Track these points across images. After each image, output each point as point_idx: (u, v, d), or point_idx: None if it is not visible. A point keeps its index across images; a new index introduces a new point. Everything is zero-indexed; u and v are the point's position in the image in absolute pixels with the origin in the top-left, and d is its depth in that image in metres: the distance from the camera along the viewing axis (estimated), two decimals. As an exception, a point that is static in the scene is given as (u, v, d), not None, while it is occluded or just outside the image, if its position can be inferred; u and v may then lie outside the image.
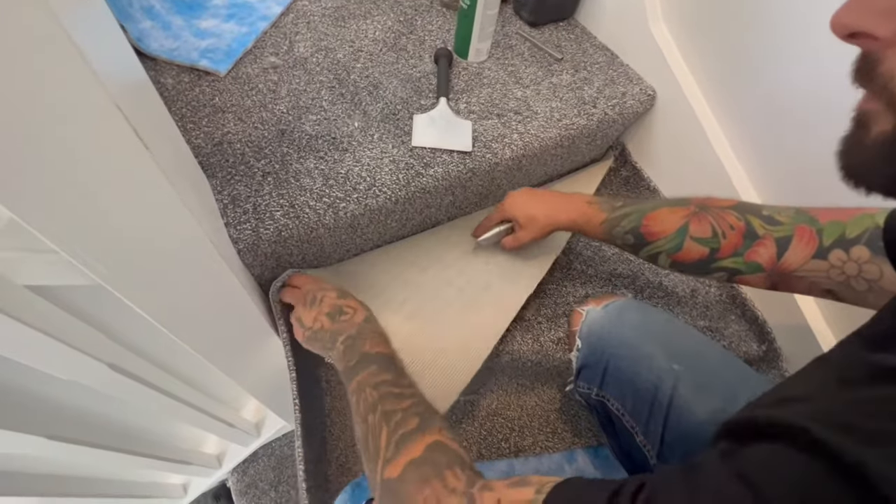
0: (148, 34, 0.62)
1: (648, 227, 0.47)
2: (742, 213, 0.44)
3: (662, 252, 0.47)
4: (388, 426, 0.36)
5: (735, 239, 0.44)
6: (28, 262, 0.32)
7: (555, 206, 0.53)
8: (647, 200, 0.50)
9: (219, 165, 0.53)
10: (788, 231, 0.42)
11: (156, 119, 0.42)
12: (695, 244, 0.45)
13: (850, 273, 0.38)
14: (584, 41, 0.79)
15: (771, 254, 0.42)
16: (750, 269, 0.44)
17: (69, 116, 0.23)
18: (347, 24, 0.73)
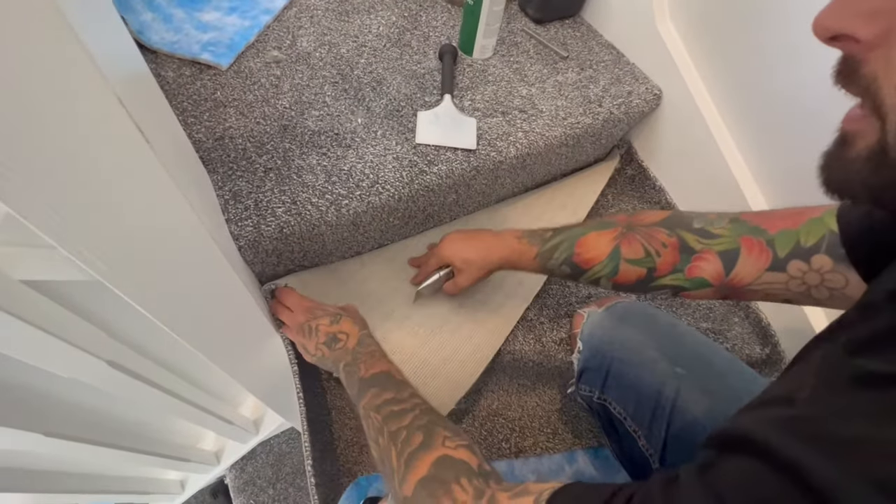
0: (149, 26, 0.62)
1: (581, 255, 0.46)
2: (672, 228, 0.43)
3: (601, 277, 0.46)
4: (395, 447, 0.36)
5: (670, 256, 0.42)
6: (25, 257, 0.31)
7: (488, 247, 0.52)
8: (573, 226, 0.48)
9: (220, 161, 0.53)
10: (732, 244, 0.40)
11: (157, 112, 0.41)
12: (630, 266, 0.44)
13: (812, 283, 0.37)
14: (590, 39, 0.78)
15: (716, 268, 0.40)
16: (694, 284, 0.42)
17: (68, 108, 0.22)
18: (351, 18, 0.72)
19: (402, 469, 0.35)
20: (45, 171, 0.23)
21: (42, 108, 0.21)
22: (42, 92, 0.21)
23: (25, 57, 0.19)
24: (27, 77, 0.20)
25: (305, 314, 0.51)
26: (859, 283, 0.34)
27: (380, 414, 0.40)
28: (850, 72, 0.19)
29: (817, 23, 0.19)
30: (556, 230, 0.49)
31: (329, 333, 0.50)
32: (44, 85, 0.21)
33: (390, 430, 0.38)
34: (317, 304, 0.52)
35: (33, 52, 0.20)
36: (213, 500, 0.95)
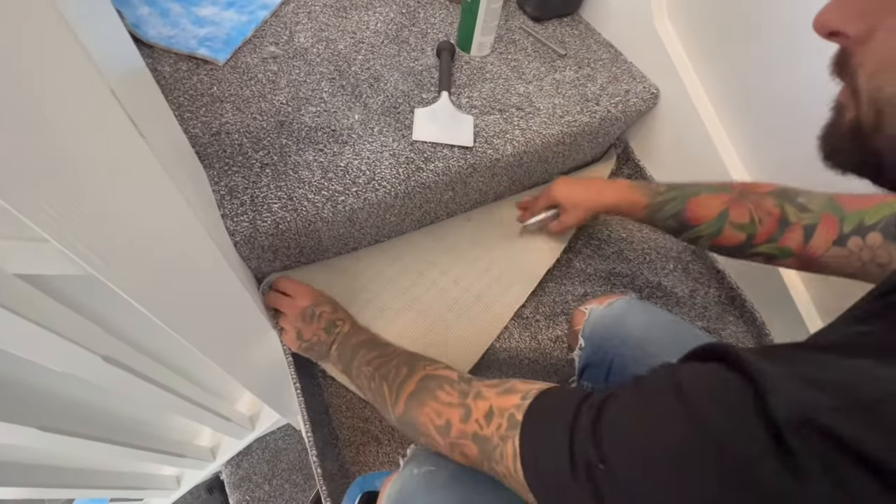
0: (145, 21, 0.61)
1: (691, 211, 0.50)
2: (780, 199, 0.47)
3: (703, 236, 0.50)
4: (386, 382, 0.42)
5: (770, 226, 0.46)
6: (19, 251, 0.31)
7: (599, 191, 0.57)
8: (687, 185, 0.52)
9: (216, 156, 0.53)
10: (815, 219, 0.44)
11: (152, 107, 0.41)
12: (733, 230, 0.48)
13: (865, 258, 0.41)
14: (588, 37, 0.78)
15: (799, 239, 0.45)
16: (783, 253, 0.46)
17: (62, 102, 0.22)
18: (349, 14, 0.72)
19: (394, 395, 0.40)
20: (37, 165, 0.23)
21: (35, 102, 0.21)
22: (35, 85, 0.21)
23: (19, 50, 0.19)
24: (20, 70, 0.20)
25: (309, 299, 0.54)
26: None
27: (370, 365, 0.45)
28: (843, 63, 0.22)
29: (817, 20, 0.22)
30: (669, 185, 0.52)
31: (330, 319, 0.54)
32: (37, 78, 0.21)
33: (381, 373, 0.43)
34: (319, 291, 0.56)
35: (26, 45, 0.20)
36: (208, 495, 0.95)
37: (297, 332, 0.54)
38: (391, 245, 0.67)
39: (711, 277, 0.77)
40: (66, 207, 0.25)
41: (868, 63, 0.20)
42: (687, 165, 0.74)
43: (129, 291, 0.32)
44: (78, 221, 0.26)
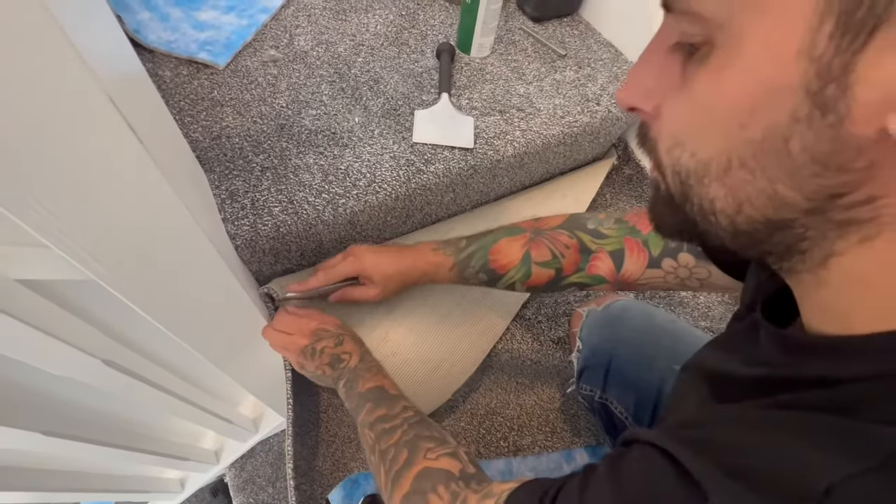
0: (146, 25, 0.62)
1: (496, 261, 0.48)
2: (571, 230, 0.47)
3: (515, 281, 0.49)
4: (384, 465, 0.39)
5: (573, 257, 0.46)
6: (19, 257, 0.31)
7: (407, 261, 0.51)
8: (483, 235, 0.50)
9: (217, 160, 0.53)
10: (618, 244, 0.45)
11: (152, 112, 0.41)
12: (540, 269, 0.47)
13: (683, 276, 0.42)
14: (589, 37, 0.78)
15: (609, 266, 0.45)
16: (594, 281, 0.47)
17: (58, 108, 0.22)
18: (348, 17, 0.72)
19: (390, 487, 0.37)
20: (35, 171, 0.23)
21: (31, 108, 0.21)
22: (31, 91, 0.21)
23: (13, 56, 0.19)
24: (15, 76, 0.20)
25: (308, 337, 0.50)
26: (720, 273, 0.39)
27: (373, 431, 0.42)
28: (643, 136, 0.23)
29: (617, 96, 0.22)
30: (468, 238, 0.50)
31: (333, 354, 0.50)
32: (31, 84, 0.21)
33: (380, 449, 0.40)
34: (317, 323, 0.50)
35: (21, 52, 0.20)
36: (212, 498, 0.95)
37: (300, 367, 0.51)
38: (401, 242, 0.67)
39: (715, 277, 0.76)
40: (64, 213, 0.25)
41: (663, 138, 0.21)
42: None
43: (130, 296, 0.32)
44: (77, 227, 0.26)
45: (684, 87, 0.19)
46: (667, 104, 0.20)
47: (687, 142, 0.20)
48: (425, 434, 0.39)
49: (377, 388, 0.46)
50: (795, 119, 0.16)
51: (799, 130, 0.16)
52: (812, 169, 0.17)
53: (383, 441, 0.41)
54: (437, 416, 0.67)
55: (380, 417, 0.43)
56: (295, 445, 0.53)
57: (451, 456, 0.37)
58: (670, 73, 0.20)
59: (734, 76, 0.17)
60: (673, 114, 0.20)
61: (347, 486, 0.66)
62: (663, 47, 0.20)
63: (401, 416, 0.42)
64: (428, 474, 0.36)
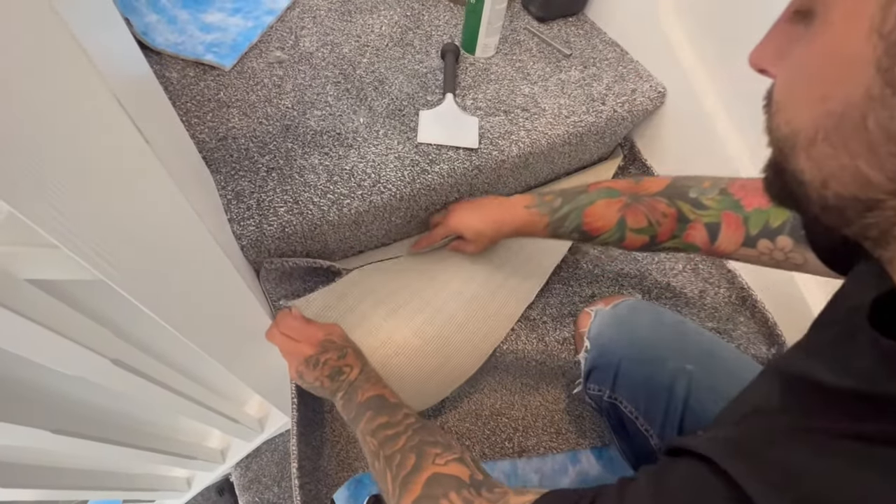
0: (153, 28, 0.62)
1: (589, 224, 0.50)
2: (671, 199, 0.47)
3: (610, 243, 0.51)
4: (391, 471, 0.39)
5: (669, 225, 0.47)
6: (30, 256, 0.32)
7: (498, 218, 0.54)
8: (579, 193, 0.51)
9: (223, 161, 0.53)
10: (716, 217, 0.44)
11: (159, 113, 0.42)
12: (635, 234, 0.48)
13: (778, 259, 0.42)
14: (594, 37, 0.77)
15: (704, 237, 0.46)
16: (689, 248, 0.47)
17: (66, 109, 0.22)
18: (353, 18, 0.72)
19: (398, 492, 0.37)
20: (44, 171, 0.23)
21: (40, 109, 0.21)
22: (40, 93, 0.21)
23: (22, 59, 0.20)
24: (25, 79, 0.20)
25: (314, 347, 0.50)
26: (816, 261, 0.38)
27: (375, 438, 0.42)
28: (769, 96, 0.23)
29: (749, 60, 0.23)
30: (563, 198, 0.51)
31: (335, 367, 0.50)
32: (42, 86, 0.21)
33: (385, 455, 0.40)
34: (324, 334, 0.51)
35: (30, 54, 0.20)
36: (218, 497, 0.96)
37: (298, 375, 0.51)
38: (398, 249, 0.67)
39: (722, 278, 0.75)
40: (73, 214, 0.25)
41: (772, 101, 0.21)
42: (695, 164, 0.73)
43: (136, 295, 0.32)
44: (85, 227, 0.26)
45: (789, 53, 0.19)
46: (777, 70, 0.21)
47: (784, 108, 0.20)
48: (430, 440, 0.39)
49: (377, 396, 0.46)
50: (870, 96, 0.16)
51: (874, 108, 0.16)
52: (889, 148, 0.16)
53: (388, 447, 0.40)
54: (441, 417, 0.67)
55: (382, 424, 0.43)
56: (300, 445, 0.53)
57: (458, 462, 0.36)
58: (788, 40, 0.20)
59: (820, 45, 0.17)
60: (779, 79, 0.21)
61: (352, 486, 0.67)
62: (789, 13, 0.20)
63: (403, 423, 0.42)
64: (438, 480, 0.35)
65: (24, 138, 0.21)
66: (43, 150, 0.22)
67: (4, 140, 0.21)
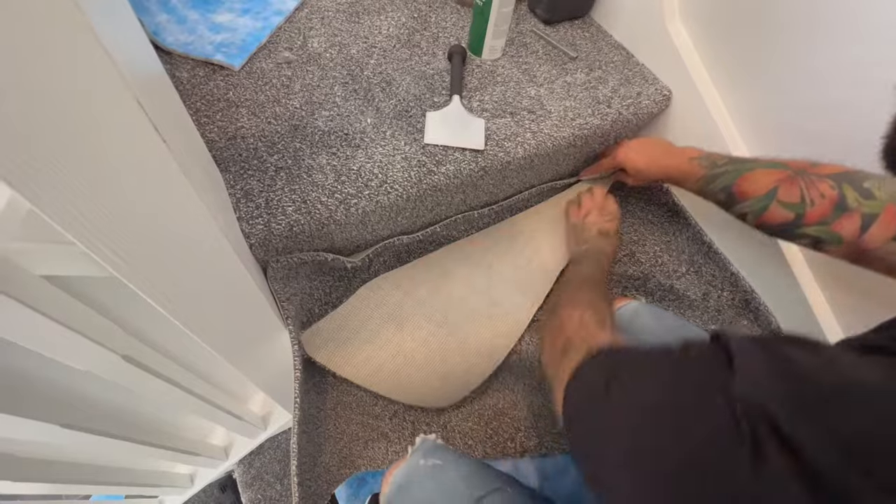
0: (164, 28, 0.63)
1: (741, 186, 0.49)
2: (839, 182, 0.44)
3: (749, 213, 0.49)
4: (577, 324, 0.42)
5: (824, 208, 0.44)
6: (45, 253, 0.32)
7: (663, 163, 0.60)
8: (749, 160, 0.52)
9: (232, 160, 0.54)
10: (878, 208, 0.42)
11: (172, 112, 0.42)
12: (780, 208, 0.47)
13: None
14: (600, 40, 0.78)
15: (855, 228, 0.43)
16: (832, 239, 0.44)
17: (89, 110, 0.23)
18: (361, 19, 0.73)
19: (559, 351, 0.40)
20: (65, 170, 0.24)
21: (63, 110, 0.22)
22: (64, 94, 0.21)
23: (48, 60, 0.20)
24: (49, 80, 0.20)
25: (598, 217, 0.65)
26: None
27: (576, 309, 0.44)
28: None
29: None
30: (732, 159, 0.52)
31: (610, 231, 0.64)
32: (66, 88, 0.21)
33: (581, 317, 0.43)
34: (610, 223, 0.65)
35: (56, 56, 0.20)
36: (221, 494, 0.97)
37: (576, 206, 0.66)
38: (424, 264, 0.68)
39: (725, 280, 0.76)
40: (91, 212, 0.26)
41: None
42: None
43: (148, 292, 0.33)
44: (102, 225, 0.27)
45: None
46: None
47: None
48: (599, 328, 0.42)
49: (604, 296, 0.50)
50: None
51: None
52: None
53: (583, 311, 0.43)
54: (444, 416, 0.68)
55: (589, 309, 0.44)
56: (300, 442, 0.54)
57: None
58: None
59: None
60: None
61: (354, 484, 0.67)
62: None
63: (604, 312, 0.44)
64: None
65: (45, 137, 0.22)
66: (65, 150, 0.23)
67: (28, 140, 0.21)
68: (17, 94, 0.20)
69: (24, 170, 0.22)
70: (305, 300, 0.61)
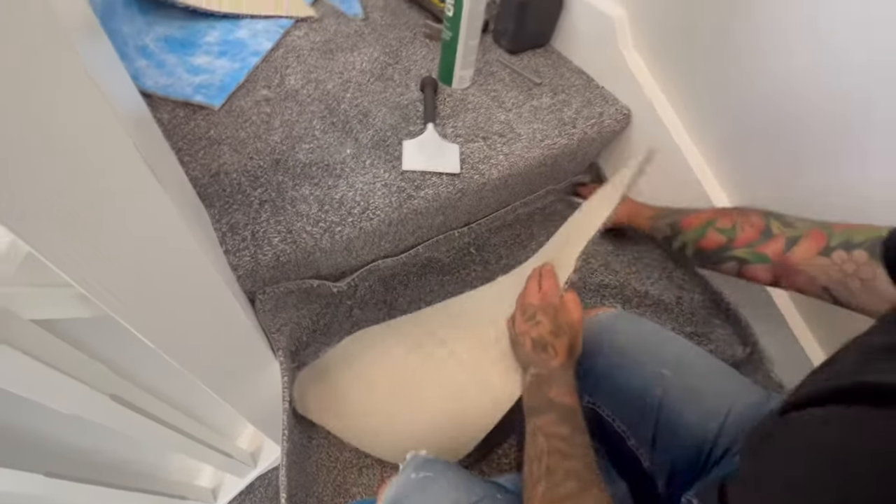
0: (143, 72, 0.64)
1: (686, 218, 0.58)
2: (766, 215, 0.51)
3: (689, 241, 0.57)
4: (545, 482, 0.38)
5: (752, 233, 0.51)
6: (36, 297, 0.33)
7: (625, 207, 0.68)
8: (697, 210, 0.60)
9: (216, 195, 0.55)
10: (800, 233, 0.48)
11: (159, 153, 0.44)
12: (715, 233, 0.54)
13: (848, 271, 0.44)
14: (561, 66, 0.83)
15: (779, 248, 0.48)
16: (758, 258, 0.50)
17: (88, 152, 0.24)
18: (336, 56, 0.76)
19: None
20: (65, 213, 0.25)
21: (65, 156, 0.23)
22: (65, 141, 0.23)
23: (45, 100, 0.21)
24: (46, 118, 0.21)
25: (539, 301, 0.55)
26: (886, 278, 0.41)
27: (548, 443, 0.42)
28: None
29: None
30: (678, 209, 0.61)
31: (543, 339, 0.51)
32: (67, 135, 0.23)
33: (548, 465, 0.40)
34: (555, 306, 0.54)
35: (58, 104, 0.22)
36: (210, 540, 0.92)
37: (511, 321, 0.56)
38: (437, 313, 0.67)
39: (695, 283, 0.80)
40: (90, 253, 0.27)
41: None
42: (662, 181, 0.78)
43: (143, 330, 0.33)
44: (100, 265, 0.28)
45: None
46: None
47: None
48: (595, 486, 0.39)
49: (569, 406, 0.46)
50: None
51: None
52: None
53: (554, 458, 0.40)
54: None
55: (559, 435, 0.42)
56: (290, 474, 0.53)
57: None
58: None
59: None
60: None
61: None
62: None
63: (580, 450, 0.42)
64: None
65: (47, 181, 0.23)
66: (66, 193, 0.24)
67: (32, 185, 0.22)
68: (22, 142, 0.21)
69: (24, 213, 0.23)
70: (294, 329, 0.61)
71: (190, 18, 0.74)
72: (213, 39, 0.72)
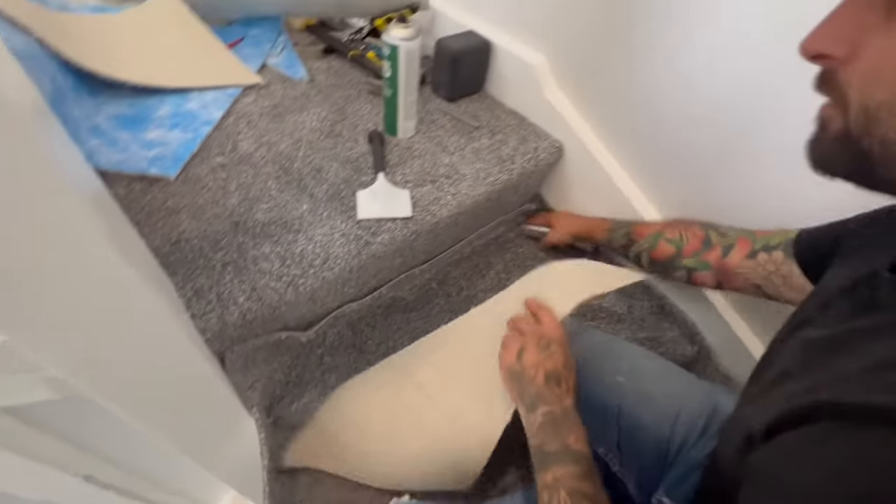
0: (96, 151, 0.66)
1: (637, 229, 0.67)
2: (704, 226, 0.61)
3: (644, 251, 0.64)
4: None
5: (696, 244, 0.60)
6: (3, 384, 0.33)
7: (578, 218, 0.80)
8: None
9: (179, 263, 0.57)
10: (732, 241, 0.57)
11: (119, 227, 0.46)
12: (666, 243, 0.62)
13: (770, 269, 0.52)
14: (496, 108, 0.91)
15: (717, 255, 0.57)
16: (703, 266, 0.59)
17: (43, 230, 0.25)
18: (285, 118, 0.81)
19: None
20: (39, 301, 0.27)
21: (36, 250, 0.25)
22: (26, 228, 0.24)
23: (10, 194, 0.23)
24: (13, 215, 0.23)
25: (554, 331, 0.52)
26: (799, 273, 0.49)
27: (571, 500, 0.40)
28: (828, 80, 0.26)
29: (804, 47, 0.26)
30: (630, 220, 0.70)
31: (558, 371, 0.48)
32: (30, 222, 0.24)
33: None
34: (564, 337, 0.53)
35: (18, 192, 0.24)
36: None
37: (520, 353, 0.50)
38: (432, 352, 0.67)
39: (643, 292, 0.86)
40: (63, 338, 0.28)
41: (856, 77, 0.24)
42: (597, 205, 0.84)
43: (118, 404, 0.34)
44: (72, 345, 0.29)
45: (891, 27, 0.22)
46: (869, 45, 0.23)
47: (888, 76, 0.23)
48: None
49: (587, 457, 0.43)
50: None
51: None
52: None
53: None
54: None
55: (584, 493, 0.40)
56: None
57: None
58: (871, 20, 0.23)
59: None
60: (877, 52, 0.23)
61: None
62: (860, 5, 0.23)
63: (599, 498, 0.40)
64: None
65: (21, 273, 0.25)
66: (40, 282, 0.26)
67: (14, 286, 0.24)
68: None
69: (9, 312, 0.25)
70: (267, 384, 0.62)
71: (139, 96, 0.77)
72: (165, 113, 0.76)
